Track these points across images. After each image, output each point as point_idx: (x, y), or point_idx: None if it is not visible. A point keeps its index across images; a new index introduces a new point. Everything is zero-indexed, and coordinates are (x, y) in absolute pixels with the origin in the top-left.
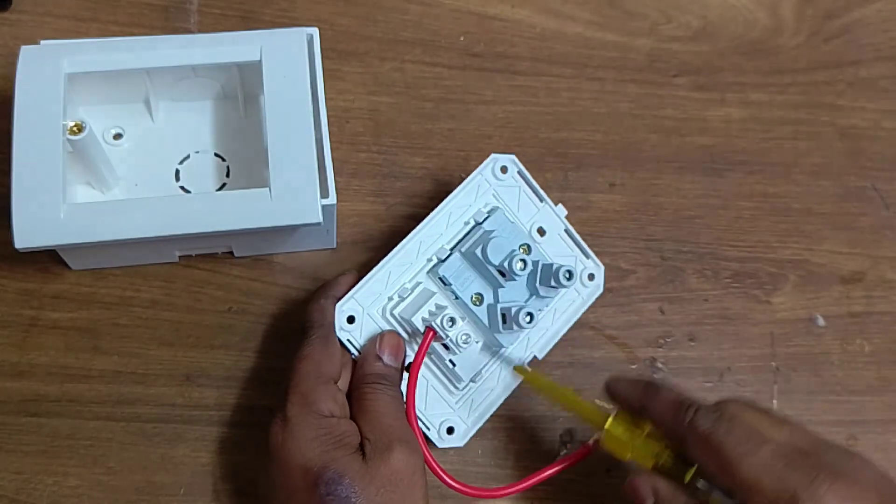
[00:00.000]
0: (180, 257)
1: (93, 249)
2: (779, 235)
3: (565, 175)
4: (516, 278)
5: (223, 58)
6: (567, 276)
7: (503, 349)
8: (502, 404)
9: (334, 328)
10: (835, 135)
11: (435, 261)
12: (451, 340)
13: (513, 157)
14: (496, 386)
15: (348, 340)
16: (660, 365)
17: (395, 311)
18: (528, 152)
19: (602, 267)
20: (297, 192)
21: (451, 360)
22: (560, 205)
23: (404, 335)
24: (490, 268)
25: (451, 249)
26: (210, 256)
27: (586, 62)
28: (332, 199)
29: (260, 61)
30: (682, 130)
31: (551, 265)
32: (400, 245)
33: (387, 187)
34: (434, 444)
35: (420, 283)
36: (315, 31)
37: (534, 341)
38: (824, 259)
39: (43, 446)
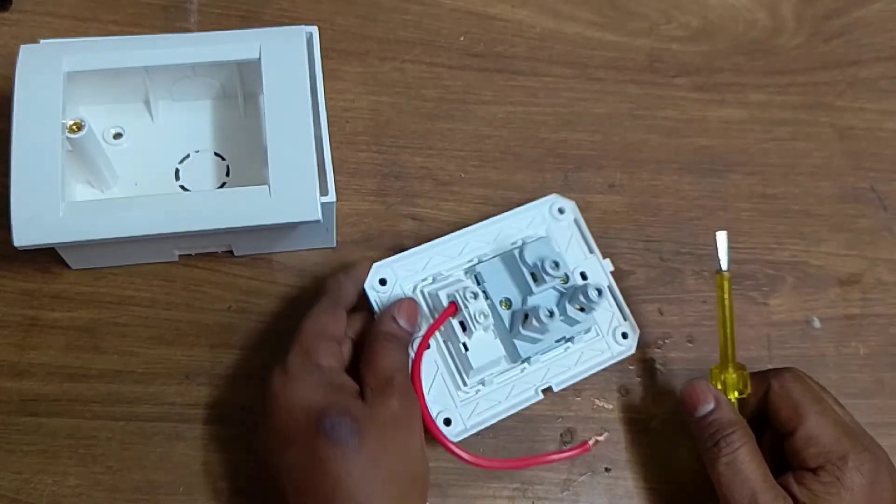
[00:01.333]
0: (180, 256)
1: (92, 248)
2: (777, 237)
3: (565, 175)
4: (546, 280)
5: (222, 56)
6: (597, 293)
7: (519, 365)
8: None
9: (344, 300)
10: (834, 135)
11: (476, 261)
12: (468, 314)
13: (573, 203)
14: (504, 401)
15: (375, 301)
16: (658, 366)
17: (426, 289)
18: (528, 152)
19: (638, 331)
20: (296, 190)
21: (464, 344)
22: (608, 259)
23: (427, 312)
24: (524, 269)
25: (494, 257)
26: (210, 255)
27: (586, 62)
28: (331, 196)
29: (259, 60)
30: (682, 131)
31: (584, 284)
32: (447, 237)
33: (387, 187)
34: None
35: (456, 275)
36: (314, 29)
37: (553, 374)
38: (822, 261)
39: (42, 446)
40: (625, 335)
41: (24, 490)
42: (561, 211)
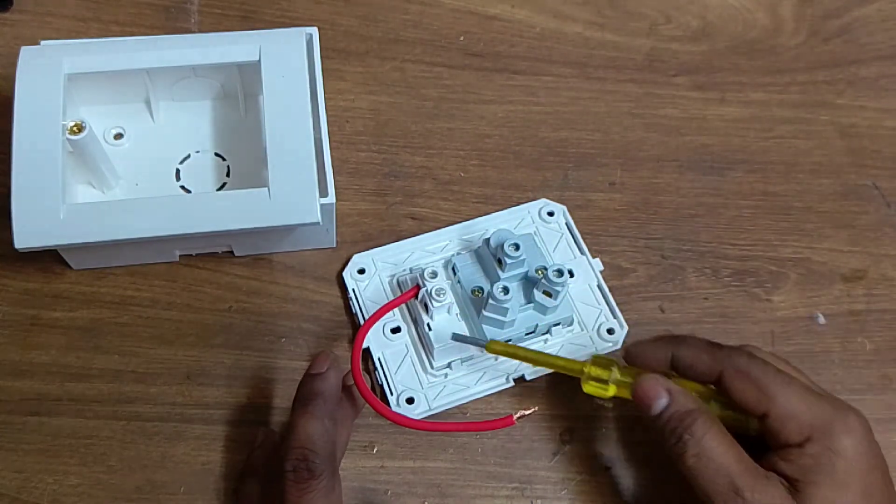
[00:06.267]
0: (181, 256)
1: (93, 249)
2: (779, 234)
3: (565, 174)
4: (508, 263)
5: (222, 58)
6: (558, 273)
7: (491, 355)
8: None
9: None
10: (835, 133)
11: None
12: (426, 291)
13: (563, 207)
14: (473, 386)
15: (353, 290)
16: None
17: (399, 277)
18: (528, 151)
19: (626, 328)
20: (295, 192)
21: (428, 324)
22: (598, 259)
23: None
24: (490, 256)
25: (470, 250)
26: (210, 255)
27: (586, 62)
28: (331, 198)
29: (259, 61)
30: (682, 130)
31: (545, 265)
32: (431, 233)
33: (386, 187)
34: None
35: (433, 267)
36: (314, 30)
37: (531, 365)
38: (825, 257)
39: (44, 445)
40: (611, 331)
41: (24, 489)
42: (550, 214)
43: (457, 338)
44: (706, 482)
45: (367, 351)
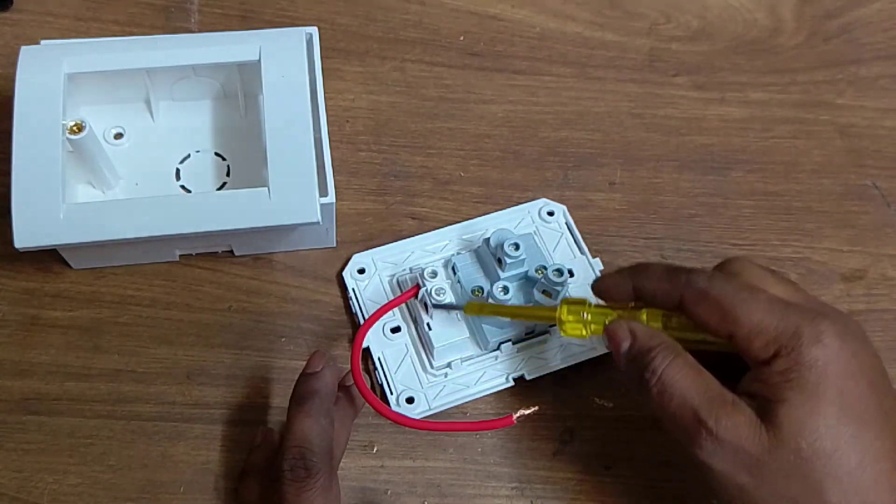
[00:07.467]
0: (180, 256)
1: (93, 249)
2: (779, 233)
3: (565, 174)
4: (508, 262)
5: (222, 57)
6: (558, 273)
7: (492, 353)
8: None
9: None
10: (835, 133)
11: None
12: (426, 291)
13: (563, 207)
14: (472, 386)
15: (353, 289)
16: None
17: (399, 277)
18: (528, 151)
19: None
20: (295, 192)
21: (428, 324)
22: (598, 258)
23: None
24: (491, 256)
25: (469, 250)
26: (210, 255)
27: (586, 62)
28: (330, 198)
29: (259, 61)
30: (682, 129)
31: (545, 265)
32: (431, 233)
33: (387, 186)
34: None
35: (433, 267)
36: (314, 30)
37: (529, 364)
38: (825, 257)
39: (43, 444)
40: None
41: (24, 488)
42: (550, 214)
43: (437, 306)
44: (672, 417)
45: (366, 350)
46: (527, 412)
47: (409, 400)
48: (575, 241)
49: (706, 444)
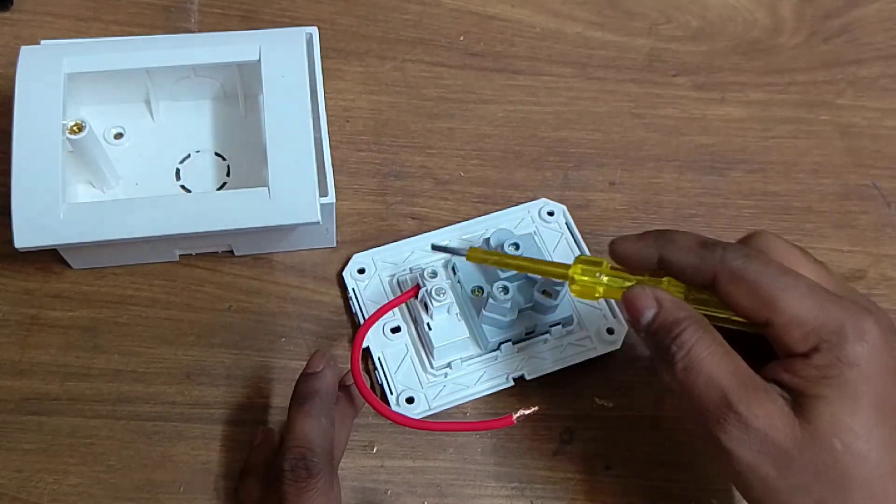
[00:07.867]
0: (180, 256)
1: (93, 249)
2: (779, 234)
3: (565, 174)
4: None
5: (222, 57)
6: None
7: (492, 353)
8: (482, 399)
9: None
10: (835, 133)
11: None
12: (426, 291)
13: (563, 207)
14: (472, 386)
15: (353, 289)
16: None
17: (399, 277)
18: (528, 151)
19: (626, 328)
20: (295, 192)
21: (428, 324)
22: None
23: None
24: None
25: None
26: (210, 255)
27: (586, 62)
28: (330, 197)
29: (259, 61)
30: (682, 130)
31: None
32: (431, 233)
33: (387, 186)
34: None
35: (434, 267)
36: (314, 30)
37: (530, 365)
38: (825, 257)
39: (43, 444)
40: (611, 331)
41: (24, 488)
42: (550, 214)
43: (436, 248)
44: (697, 396)
45: (366, 350)
46: (527, 412)
47: (409, 400)
48: (575, 241)
49: (732, 429)
